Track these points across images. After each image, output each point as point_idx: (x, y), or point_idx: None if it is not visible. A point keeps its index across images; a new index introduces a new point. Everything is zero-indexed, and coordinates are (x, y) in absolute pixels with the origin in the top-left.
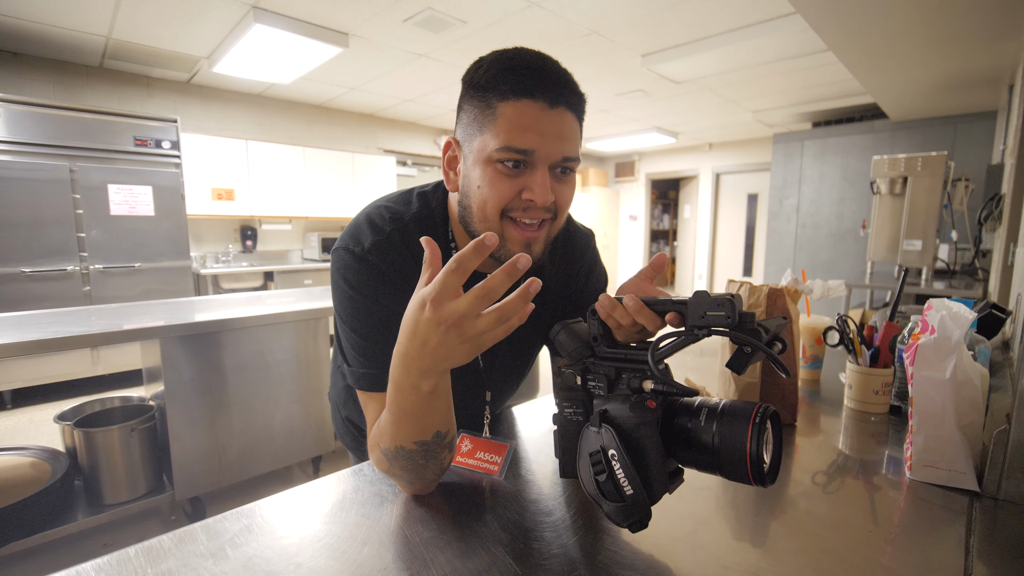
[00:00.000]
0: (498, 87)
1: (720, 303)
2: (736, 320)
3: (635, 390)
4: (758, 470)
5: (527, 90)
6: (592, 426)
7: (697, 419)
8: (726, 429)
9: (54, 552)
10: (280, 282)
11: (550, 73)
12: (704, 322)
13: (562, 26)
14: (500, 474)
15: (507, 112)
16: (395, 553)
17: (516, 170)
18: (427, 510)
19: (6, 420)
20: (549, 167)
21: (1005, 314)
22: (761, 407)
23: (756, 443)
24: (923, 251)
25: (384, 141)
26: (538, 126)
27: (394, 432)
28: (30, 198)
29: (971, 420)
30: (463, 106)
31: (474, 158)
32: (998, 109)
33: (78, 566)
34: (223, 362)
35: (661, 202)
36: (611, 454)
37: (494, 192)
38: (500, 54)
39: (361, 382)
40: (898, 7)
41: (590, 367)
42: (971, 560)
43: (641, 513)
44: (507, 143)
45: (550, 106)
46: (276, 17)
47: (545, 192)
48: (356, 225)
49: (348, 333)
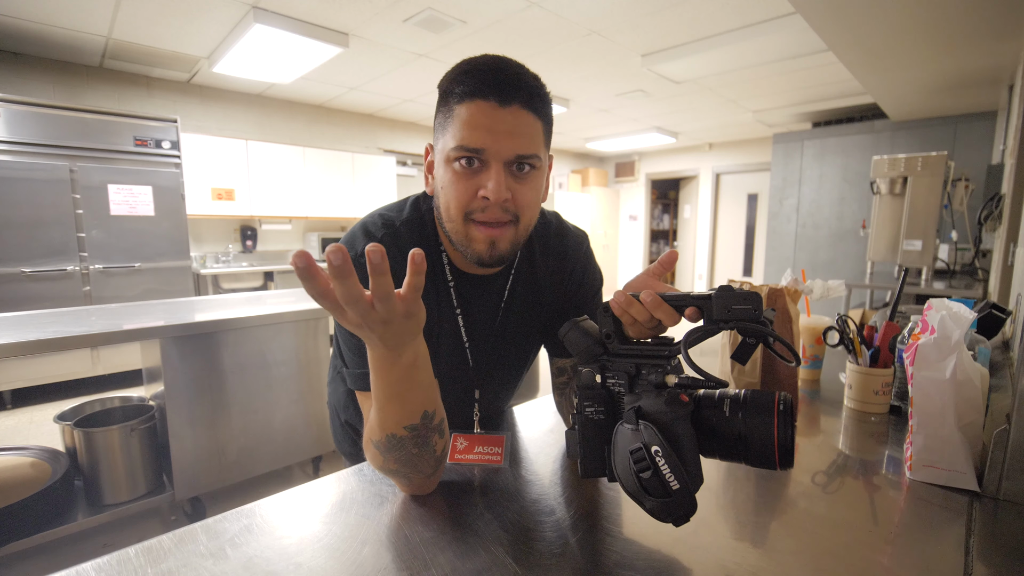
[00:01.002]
0: (455, 90)
1: (746, 297)
2: (762, 313)
3: (658, 385)
4: (785, 455)
5: (479, 91)
6: (628, 423)
7: (721, 410)
8: (753, 419)
9: (54, 552)
10: (280, 282)
11: (503, 73)
12: (731, 315)
13: (562, 26)
14: (504, 462)
15: (461, 113)
16: (395, 553)
17: (471, 169)
18: (427, 510)
19: (6, 420)
20: (504, 164)
21: (1005, 314)
22: (781, 396)
23: (783, 431)
24: (923, 251)
25: (384, 141)
26: (489, 124)
27: (383, 419)
28: (30, 198)
29: (971, 420)
30: (435, 113)
31: (439, 159)
32: (998, 109)
33: (78, 566)
34: (223, 362)
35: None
36: (655, 450)
37: (454, 192)
38: (465, 61)
39: (358, 382)
40: (898, 7)
41: (607, 364)
42: (971, 560)
43: (687, 507)
44: (460, 142)
45: (501, 104)
46: (276, 17)
47: (498, 189)
48: (352, 233)
49: (345, 335)
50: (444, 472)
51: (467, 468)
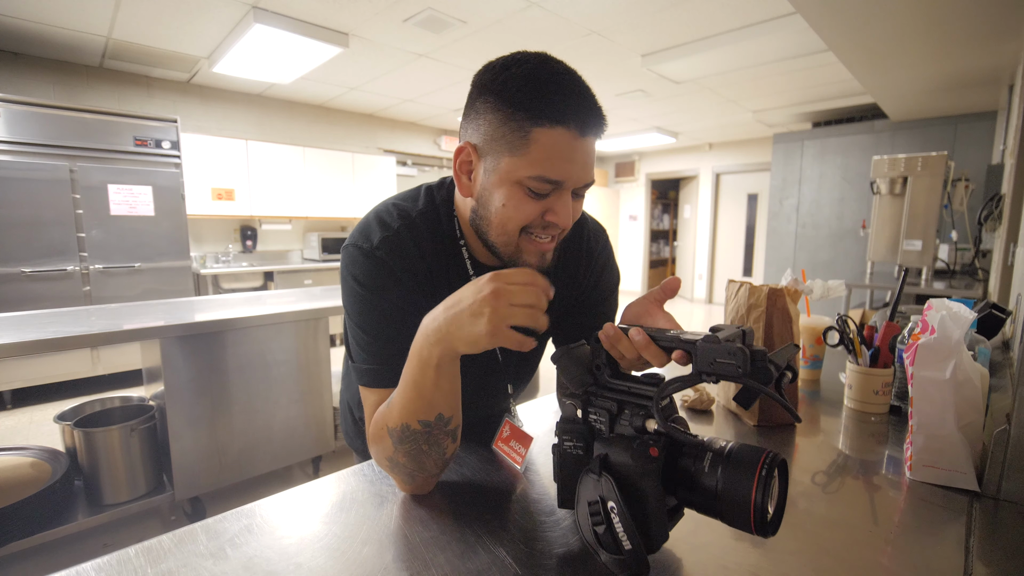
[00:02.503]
0: (531, 108)
1: (731, 352)
2: (747, 370)
3: (638, 429)
4: (761, 521)
5: (562, 117)
6: (592, 472)
7: (701, 463)
8: (731, 477)
9: (54, 552)
10: (280, 282)
11: (584, 98)
12: (713, 369)
13: (562, 26)
14: (522, 467)
15: (542, 139)
16: (395, 553)
17: (542, 194)
18: (427, 510)
19: (6, 420)
20: (572, 191)
21: (1005, 314)
22: (769, 456)
23: (761, 495)
24: (923, 251)
25: (384, 141)
26: (572, 155)
27: (402, 408)
28: (30, 198)
29: (971, 420)
30: (483, 114)
31: (499, 177)
32: (998, 109)
33: (78, 566)
34: (223, 362)
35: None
36: (610, 506)
37: (519, 214)
38: (531, 70)
39: (364, 378)
40: (898, 7)
41: (592, 399)
42: (971, 560)
43: (638, 567)
44: (542, 173)
45: (581, 135)
46: (276, 17)
47: (568, 216)
48: (366, 223)
49: (355, 329)
50: (445, 471)
51: (467, 468)
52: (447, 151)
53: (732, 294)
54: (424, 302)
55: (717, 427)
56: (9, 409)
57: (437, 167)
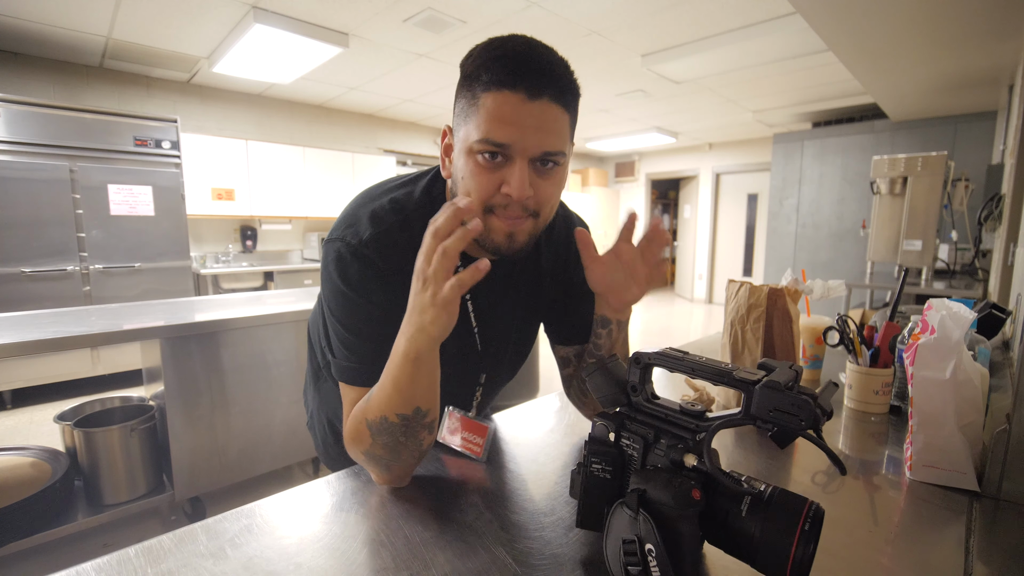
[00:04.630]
0: (481, 77)
1: (798, 405)
2: (811, 424)
3: (675, 463)
4: (798, 574)
5: (507, 81)
6: (629, 508)
7: (739, 507)
8: (772, 527)
9: (54, 552)
10: (280, 282)
11: (534, 62)
12: (772, 418)
13: (562, 26)
14: (483, 456)
15: (487, 103)
16: (395, 553)
17: (495, 162)
18: (427, 510)
19: (6, 420)
20: (529, 160)
21: (1005, 314)
22: (812, 508)
23: (803, 551)
24: (923, 251)
25: (384, 141)
26: (517, 118)
27: (380, 402)
28: (30, 198)
29: (971, 420)
30: (456, 94)
31: (460, 147)
32: (998, 109)
33: (78, 566)
34: (223, 362)
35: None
36: (648, 548)
37: (475, 185)
38: (490, 42)
39: (345, 374)
40: (898, 7)
41: (626, 423)
42: (971, 560)
43: None
44: (485, 135)
45: (529, 98)
46: (276, 17)
47: (522, 186)
48: (354, 216)
49: (336, 326)
50: (444, 471)
51: (468, 467)
52: None
53: (732, 294)
54: (405, 302)
55: None
56: (9, 409)
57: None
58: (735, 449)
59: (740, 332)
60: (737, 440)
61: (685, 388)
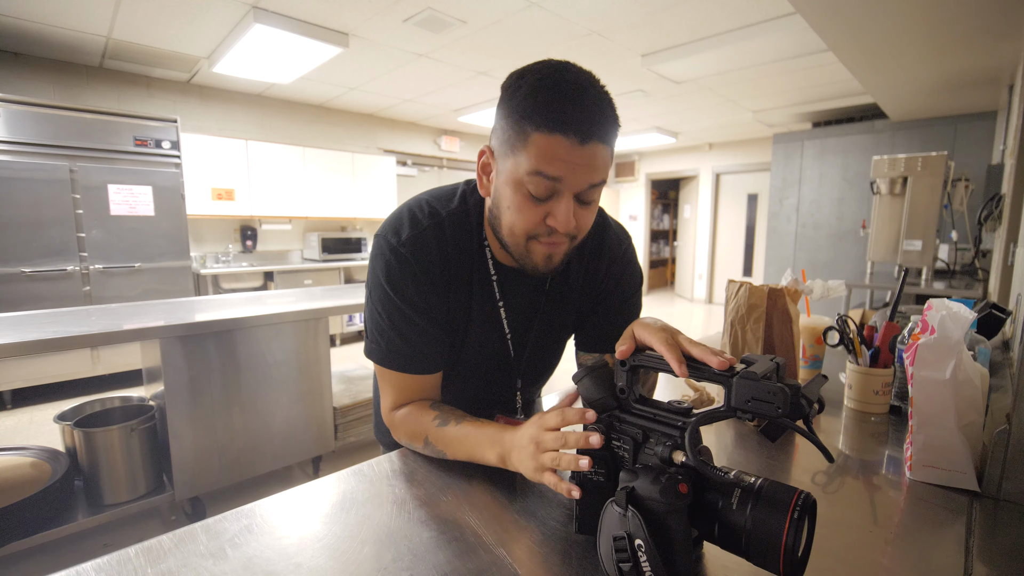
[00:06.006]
0: (533, 117)
1: (771, 392)
2: (787, 411)
3: (664, 459)
4: (790, 563)
5: (559, 127)
6: (618, 506)
7: (729, 499)
8: (761, 516)
9: (54, 552)
10: (280, 282)
11: (586, 109)
12: (750, 407)
13: (562, 26)
14: None
15: (539, 143)
16: (395, 553)
17: (542, 198)
18: (427, 510)
19: (6, 420)
20: (574, 195)
21: (1005, 314)
22: (801, 496)
23: (793, 537)
24: (923, 251)
25: (384, 141)
26: (568, 158)
27: (448, 446)
28: (30, 198)
29: (971, 420)
30: (500, 119)
31: (505, 177)
32: (998, 109)
33: (78, 566)
34: (223, 362)
35: (661, 202)
36: (637, 544)
37: (521, 218)
38: (540, 79)
39: (374, 354)
40: (898, 7)
41: (615, 424)
42: (971, 560)
43: None
44: (536, 168)
45: (581, 143)
46: (276, 17)
47: (568, 221)
48: (399, 215)
49: (374, 312)
50: (444, 471)
51: (468, 467)
52: (447, 151)
53: (732, 294)
54: (436, 300)
55: (717, 427)
56: (9, 409)
57: (437, 167)
58: (735, 449)
59: (740, 332)
60: (737, 440)
61: (686, 389)
